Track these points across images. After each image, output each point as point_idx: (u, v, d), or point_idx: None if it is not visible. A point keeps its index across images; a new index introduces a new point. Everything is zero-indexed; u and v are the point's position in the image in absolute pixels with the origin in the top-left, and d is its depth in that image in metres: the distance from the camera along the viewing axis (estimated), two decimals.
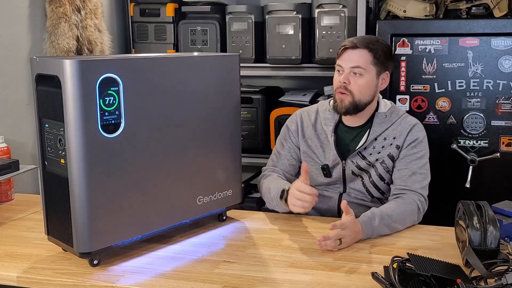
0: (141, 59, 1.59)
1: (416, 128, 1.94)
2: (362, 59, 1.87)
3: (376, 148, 1.93)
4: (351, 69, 1.87)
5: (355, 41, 1.89)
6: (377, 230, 1.70)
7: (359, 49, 1.88)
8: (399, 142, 1.92)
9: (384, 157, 1.92)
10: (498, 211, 1.64)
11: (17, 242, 1.70)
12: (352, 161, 1.94)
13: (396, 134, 1.93)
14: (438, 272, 1.33)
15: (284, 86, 3.20)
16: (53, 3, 2.35)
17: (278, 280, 1.43)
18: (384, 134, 1.93)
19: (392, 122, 1.94)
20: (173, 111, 1.61)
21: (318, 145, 1.99)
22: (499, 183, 2.50)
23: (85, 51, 2.49)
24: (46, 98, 1.48)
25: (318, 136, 2.00)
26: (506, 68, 2.43)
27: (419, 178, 1.87)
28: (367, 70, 1.88)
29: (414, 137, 1.92)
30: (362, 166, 1.93)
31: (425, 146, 1.94)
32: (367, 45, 1.88)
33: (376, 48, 1.88)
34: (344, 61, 1.89)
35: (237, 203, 1.88)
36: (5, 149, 2.11)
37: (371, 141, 1.93)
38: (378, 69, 1.90)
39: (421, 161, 1.90)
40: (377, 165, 1.93)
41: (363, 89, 1.88)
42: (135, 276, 1.46)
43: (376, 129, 1.93)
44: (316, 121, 2.02)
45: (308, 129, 2.02)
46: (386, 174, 1.93)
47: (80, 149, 1.40)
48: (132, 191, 1.53)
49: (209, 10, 2.93)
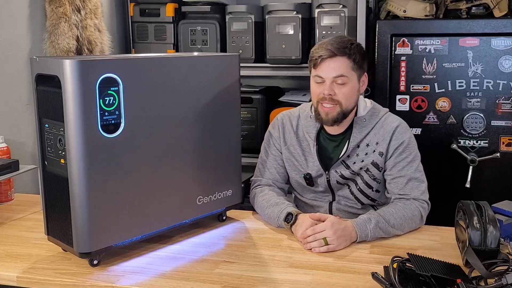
0: (141, 59, 1.59)
1: (399, 130, 1.85)
2: (343, 67, 1.78)
3: (359, 156, 1.86)
4: (333, 79, 1.78)
5: (331, 48, 1.78)
6: (372, 233, 1.67)
7: (338, 56, 1.78)
8: (383, 148, 1.84)
9: (368, 165, 1.86)
10: (498, 211, 1.64)
11: (17, 242, 1.70)
12: (336, 171, 1.88)
13: (378, 138, 1.85)
14: (438, 272, 1.33)
15: (284, 86, 3.20)
16: (53, 3, 2.35)
17: (278, 280, 1.43)
18: (365, 140, 1.86)
19: (372, 126, 1.87)
20: (173, 111, 1.61)
21: (300, 153, 1.93)
22: (499, 183, 2.50)
23: (85, 51, 2.49)
24: (46, 98, 1.48)
25: (300, 144, 1.94)
26: (506, 68, 2.43)
27: (415, 184, 1.81)
28: (349, 77, 1.79)
29: (399, 141, 1.83)
30: (346, 176, 1.87)
31: (413, 147, 1.85)
32: (344, 51, 1.78)
33: (353, 52, 1.79)
34: (324, 72, 1.79)
35: (237, 203, 1.88)
36: (5, 149, 2.11)
37: (353, 149, 1.86)
38: (358, 73, 1.83)
39: (413, 165, 1.83)
40: (362, 174, 1.87)
41: (348, 97, 1.80)
42: (135, 276, 1.46)
43: (356, 135, 1.86)
44: (298, 128, 1.95)
45: (290, 135, 1.95)
46: (373, 181, 1.87)
47: (80, 149, 1.40)
48: (132, 191, 1.53)
49: (209, 10, 2.93)
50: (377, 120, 1.88)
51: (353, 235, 1.66)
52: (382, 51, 2.57)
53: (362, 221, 1.68)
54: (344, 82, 1.79)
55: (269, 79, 3.22)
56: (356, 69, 1.81)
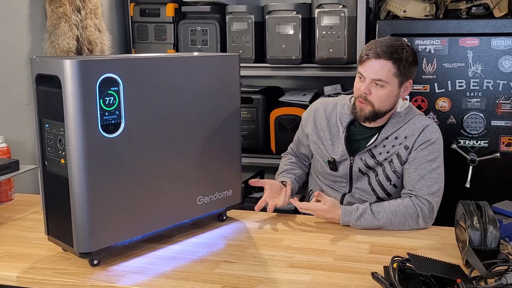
0: (141, 59, 1.59)
1: (430, 129, 1.89)
2: (384, 71, 1.80)
3: (386, 147, 1.90)
4: (372, 80, 1.82)
5: (379, 50, 1.80)
6: (355, 221, 1.76)
7: (382, 60, 1.80)
8: (409, 142, 1.88)
9: (392, 155, 1.89)
10: (498, 211, 1.64)
11: (17, 242, 1.70)
12: (361, 158, 1.92)
13: (407, 133, 1.89)
14: (438, 272, 1.33)
15: (284, 86, 3.20)
16: (53, 3, 2.35)
17: (278, 280, 1.43)
18: (395, 133, 1.90)
19: (405, 122, 1.90)
20: (173, 111, 1.61)
21: (328, 137, 1.98)
22: (499, 183, 2.50)
23: (85, 51, 2.49)
24: (46, 98, 1.48)
25: (329, 129, 1.99)
26: (506, 68, 2.43)
27: (428, 183, 1.81)
28: (388, 82, 1.81)
29: (426, 138, 1.86)
30: (370, 165, 1.91)
31: (438, 149, 1.87)
32: (391, 55, 1.79)
33: (400, 57, 1.80)
34: (366, 71, 1.83)
35: (237, 203, 1.88)
36: (5, 149, 2.11)
37: (382, 140, 1.90)
38: (401, 79, 1.84)
39: (432, 164, 1.84)
40: (385, 164, 1.90)
41: (383, 99, 1.84)
42: (135, 276, 1.46)
43: (388, 128, 1.90)
44: (331, 114, 2.00)
45: (321, 120, 2.01)
46: (392, 174, 1.90)
47: (80, 149, 1.40)
48: (132, 191, 1.53)
49: (209, 10, 2.93)
50: (410, 118, 1.92)
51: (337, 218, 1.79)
52: None
53: (350, 208, 1.79)
54: (383, 85, 1.82)
55: (269, 79, 3.22)
56: (398, 75, 1.83)
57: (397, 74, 1.82)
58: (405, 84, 1.88)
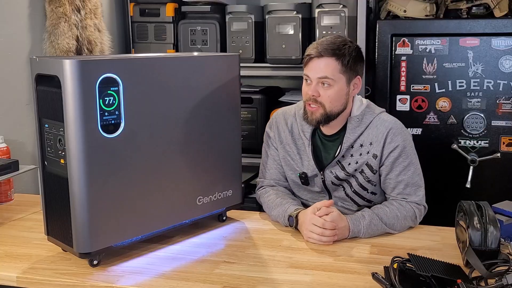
0: (141, 59, 1.59)
1: (394, 132, 1.81)
2: (329, 69, 1.75)
3: (354, 157, 1.84)
4: (318, 79, 1.76)
5: (320, 48, 1.76)
6: (365, 229, 1.69)
7: (325, 57, 1.75)
8: (376, 151, 1.81)
9: (362, 166, 1.83)
10: (498, 211, 1.64)
11: (17, 242, 1.70)
12: (331, 172, 1.86)
13: (372, 139, 1.82)
14: (438, 273, 1.33)
15: (284, 86, 3.19)
16: (52, 3, 2.35)
17: (278, 280, 1.43)
18: (359, 140, 1.83)
19: (366, 126, 1.83)
20: (173, 111, 1.60)
21: (296, 151, 1.91)
22: (500, 183, 2.50)
23: (85, 51, 2.49)
24: (46, 98, 1.48)
25: (295, 142, 1.92)
26: (507, 68, 2.43)
27: (413, 189, 1.81)
28: (335, 80, 1.76)
29: (393, 145, 1.80)
30: (341, 177, 1.86)
31: (409, 151, 1.82)
32: (333, 52, 1.75)
33: (343, 53, 1.75)
34: (311, 71, 1.77)
35: (237, 203, 1.88)
36: (5, 149, 2.11)
37: (347, 149, 1.84)
38: (348, 76, 1.78)
39: (410, 168, 1.81)
40: (356, 175, 1.85)
41: (333, 99, 1.77)
42: (135, 276, 1.46)
43: (349, 136, 1.83)
44: (293, 126, 1.93)
45: (285, 134, 1.94)
46: (367, 183, 1.85)
47: (80, 149, 1.40)
48: (132, 191, 1.53)
49: (209, 10, 2.93)
50: (370, 120, 1.84)
51: (346, 233, 1.69)
52: (382, 51, 2.57)
53: (356, 217, 1.71)
54: (330, 84, 1.76)
55: (269, 79, 3.22)
56: (345, 72, 1.77)
57: (343, 71, 1.77)
58: (354, 81, 1.81)
